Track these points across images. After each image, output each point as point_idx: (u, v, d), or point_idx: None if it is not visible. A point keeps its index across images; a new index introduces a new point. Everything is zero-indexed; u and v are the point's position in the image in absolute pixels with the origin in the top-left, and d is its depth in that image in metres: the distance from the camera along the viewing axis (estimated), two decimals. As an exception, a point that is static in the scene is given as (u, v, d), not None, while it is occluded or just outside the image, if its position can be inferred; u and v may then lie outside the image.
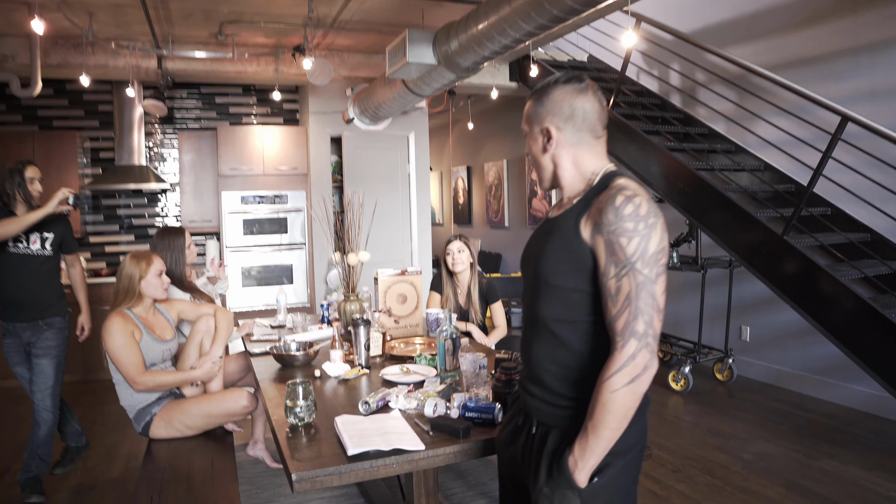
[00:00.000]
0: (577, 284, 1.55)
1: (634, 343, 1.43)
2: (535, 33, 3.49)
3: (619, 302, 1.45)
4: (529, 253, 1.74)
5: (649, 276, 1.44)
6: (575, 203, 1.61)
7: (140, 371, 2.89)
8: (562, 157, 1.65)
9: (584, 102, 1.62)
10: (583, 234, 1.53)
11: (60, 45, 5.43)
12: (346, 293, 3.59)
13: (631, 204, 1.46)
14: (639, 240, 1.44)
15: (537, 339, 1.66)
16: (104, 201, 6.80)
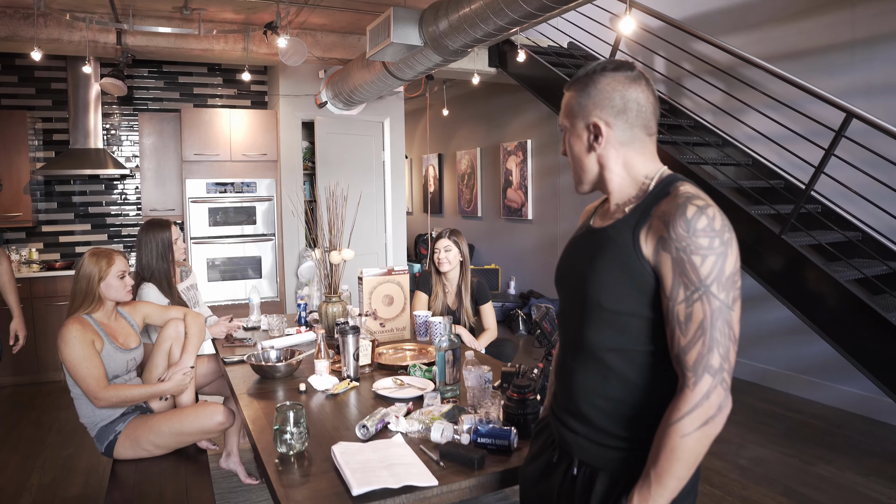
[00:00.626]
0: (636, 309, 1.33)
1: (709, 380, 1.23)
2: (536, 14, 3.24)
3: (689, 331, 1.24)
4: (571, 268, 1.50)
5: (726, 302, 1.23)
6: (629, 212, 1.38)
7: (102, 385, 2.58)
8: (610, 158, 1.42)
9: (639, 93, 1.39)
10: (643, 249, 1.31)
11: (9, 15, 4.98)
12: (327, 294, 3.32)
13: (704, 216, 1.25)
14: (714, 259, 1.23)
15: (582, 368, 1.43)
16: (58, 187, 6.35)
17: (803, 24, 4.94)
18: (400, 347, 3.12)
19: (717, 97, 5.16)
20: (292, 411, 1.91)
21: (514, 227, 8.43)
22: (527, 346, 6.68)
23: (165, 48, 5.49)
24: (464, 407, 2.21)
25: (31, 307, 5.59)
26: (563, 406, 1.49)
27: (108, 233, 6.52)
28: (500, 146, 8.53)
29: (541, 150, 7.83)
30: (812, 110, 4.29)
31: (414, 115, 10.75)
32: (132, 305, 2.94)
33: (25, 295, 5.58)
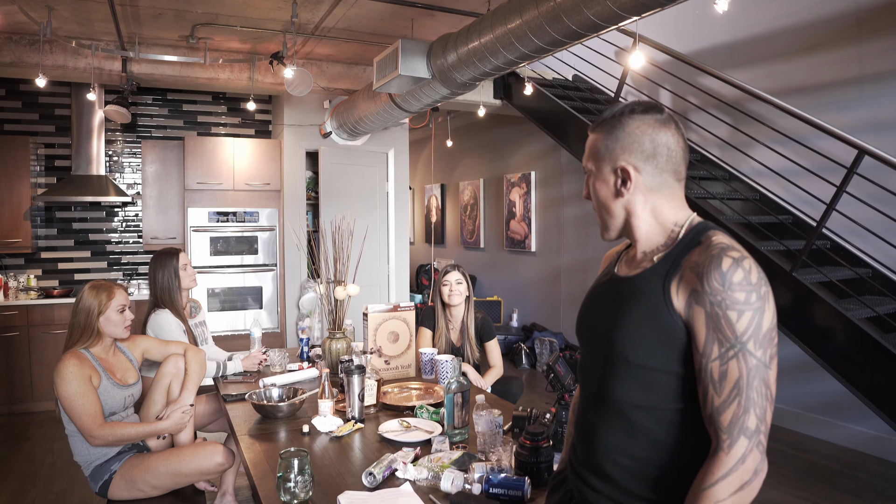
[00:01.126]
0: (665, 364, 1.26)
1: (745, 442, 1.16)
2: (546, 49, 3.21)
3: (724, 390, 1.18)
4: (595, 318, 1.43)
5: (763, 360, 1.17)
6: (658, 262, 1.32)
7: (98, 423, 2.49)
8: (638, 204, 1.36)
9: (668, 137, 1.33)
10: (675, 302, 1.25)
11: (15, 41, 4.97)
12: (331, 330, 3.24)
13: (740, 269, 1.19)
14: (751, 314, 1.17)
15: (606, 425, 1.35)
16: (58, 214, 6.29)
17: (810, 60, 4.93)
18: (405, 386, 3.03)
19: (723, 131, 5.14)
20: (297, 458, 1.83)
21: (517, 258, 8.37)
22: (530, 381, 6.58)
23: (170, 76, 5.47)
24: (474, 454, 2.12)
25: (28, 335, 5.50)
26: (584, 462, 1.41)
27: (107, 260, 6.45)
28: (504, 177, 8.50)
29: (545, 182, 7.80)
30: (819, 145, 4.26)
31: (417, 144, 10.75)
32: (131, 340, 2.86)
33: (22, 322, 5.50)
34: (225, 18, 4.70)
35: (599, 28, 2.85)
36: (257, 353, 3.58)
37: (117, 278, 6.46)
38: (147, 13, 4.58)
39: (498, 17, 3.29)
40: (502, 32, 3.27)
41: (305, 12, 4.55)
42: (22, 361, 5.49)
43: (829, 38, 4.79)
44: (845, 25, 4.67)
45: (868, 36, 4.56)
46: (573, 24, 2.87)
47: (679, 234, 1.34)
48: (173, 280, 3.40)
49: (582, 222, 7.18)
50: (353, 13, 4.59)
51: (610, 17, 2.73)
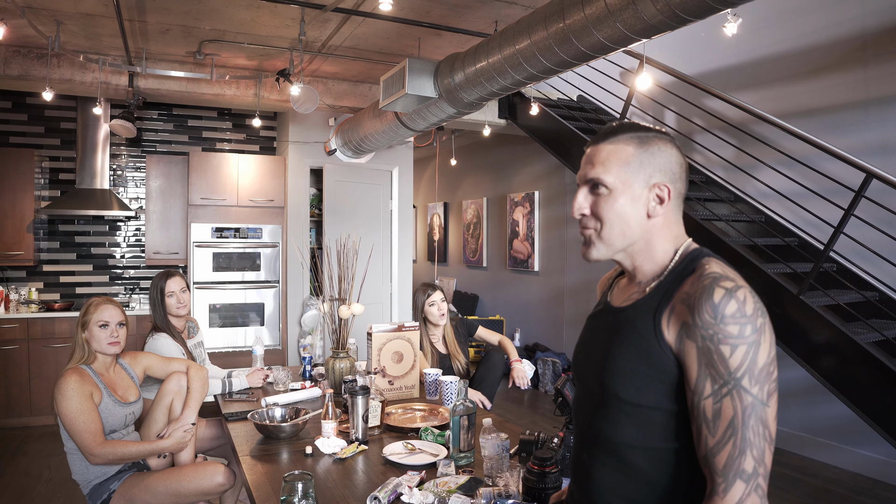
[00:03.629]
0: (658, 401, 1.20)
1: (741, 486, 1.09)
2: (555, 70, 3.20)
3: (718, 430, 1.11)
4: (588, 354, 1.37)
5: (759, 397, 1.09)
6: (650, 292, 1.25)
7: (98, 440, 2.45)
8: (661, 227, 1.28)
9: (683, 160, 1.30)
10: (666, 335, 1.18)
11: (23, 54, 4.99)
12: (334, 350, 3.21)
13: (734, 300, 1.11)
14: (745, 348, 1.09)
15: (599, 464, 1.29)
16: (61, 227, 6.28)
17: (816, 83, 4.94)
18: (409, 407, 2.99)
19: (729, 153, 5.14)
20: (301, 482, 1.79)
21: (520, 278, 8.34)
22: (532, 401, 6.52)
23: (177, 92, 5.48)
24: (480, 478, 2.08)
25: (28, 348, 5.47)
26: (580, 502, 1.36)
27: (109, 274, 6.42)
28: (507, 197, 8.49)
29: (548, 202, 7.79)
30: (826, 168, 4.25)
31: (421, 163, 10.77)
32: (132, 356, 2.83)
33: (22, 336, 5.47)
34: (232, 35, 4.72)
35: (609, 50, 2.85)
36: (260, 369, 3.56)
37: (118, 293, 6.44)
38: (155, 29, 4.59)
39: (506, 38, 3.29)
40: (510, 53, 3.27)
41: (313, 30, 4.56)
42: (21, 375, 5.45)
43: (835, 61, 4.80)
44: (851, 49, 4.69)
45: (874, 59, 4.57)
46: (582, 45, 2.87)
47: (672, 261, 1.27)
48: (159, 306, 3.33)
49: (585, 242, 7.14)
50: (360, 32, 4.60)
51: (619, 39, 2.73)
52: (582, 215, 1.32)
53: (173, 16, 4.33)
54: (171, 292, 3.35)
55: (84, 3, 4.09)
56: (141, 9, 4.20)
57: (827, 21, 4.85)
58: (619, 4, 2.57)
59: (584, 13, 2.74)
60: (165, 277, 3.37)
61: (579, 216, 1.32)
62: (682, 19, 2.48)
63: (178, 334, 3.36)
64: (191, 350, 3.47)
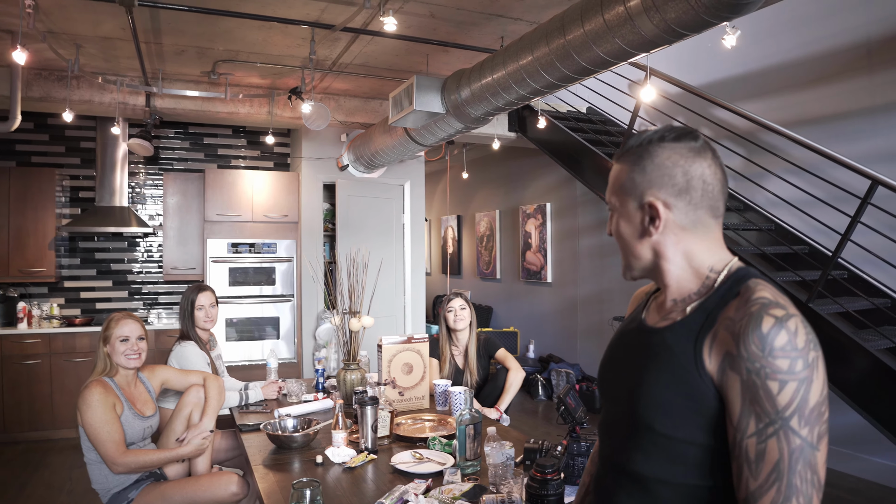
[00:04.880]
0: (693, 435, 1.09)
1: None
2: (558, 85, 3.27)
3: (762, 473, 1.00)
4: (618, 374, 1.27)
5: (809, 440, 0.99)
6: (690, 313, 1.15)
7: (121, 450, 2.53)
8: (668, 245, 1.19)
9: (705, 168, 1.16)
10: (707, 364, 1.08)
11: (44, 77, 5.14)
12: (345, 361, 3.27)
13: (784, 331, 1.00)
14: (796, 385, 0.99)
15: (626, 495, 1.19)
16: (81, 244, 6.43)
17: (822, 91, 4.96)
18: (419, 418, 3.05)
19: (737, 162, 5.16)
20: (309, 489, 1.85)
21: (534, 290, 8.37)
22: (546, 413, 6.54)
23: (192, 110, 5.61)
24: (485, 486, 2.13)
25: (50, 362, 5.60)
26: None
27: (128, 290, 6.55)
28: (520, 209, 8.55)
29: (560, 214, 7.84)
30: (833, 176, 4.27)
31: (433, 176, 10.86)
32: (150, 370, 2.91)
33: (44, 350, 5.60)
34: (245, 55, 4.84)
35: (609, 64, 2.91)
36: (274, 382, 3.64)
37: (138, 308, 6.56)
38: (170, 50, 4.72)
39: (510, 54, 3.37)
40: (514, 69, 3.34)
41: (323, 49, 4.66)
42: (43, 389, 5.58)
43: (841, 69, 4.82)
44: (856, 57, 4.71)
45: (879, 66, 4.58)
46: (583, 60, 2.93)
47: (716, 282, 1.16)
48: (188, 317, 3.48)
49: (598, 253, 7.18)
50: (369, 49, 4.70)
51: (618, 53, 2.79)
52: (610, 235, 1.30)
53: (188, 37, 4.45)
54: (200, 306, 3.50)
55: (102, 26, 4.23)
56: (156, 31, 4.32)
57: (832, 29, 4.88)
58: (617, 20, 2.64)
59: (584, 29, 2.81)
60: (197, 291, 3.53)
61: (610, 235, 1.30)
62: (678, 34, 2.54)
63: (203, 344, 3.48)
64: (214, 362, 3.57)
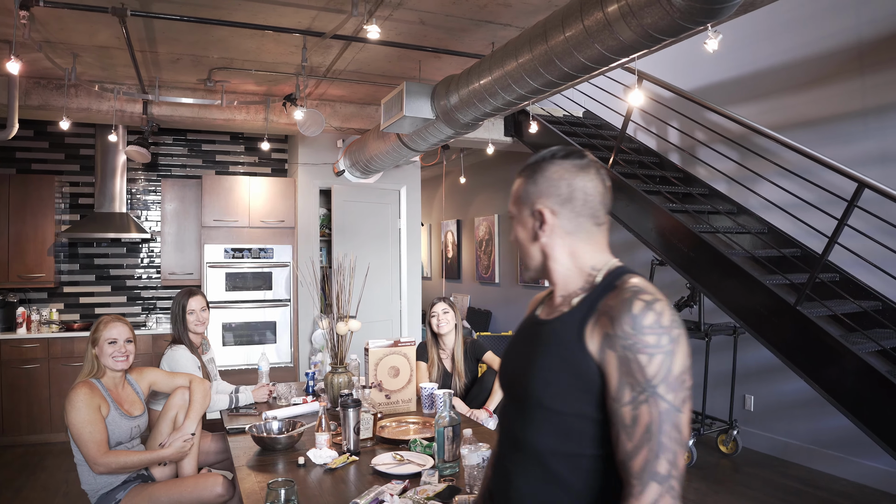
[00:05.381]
0: (581, 409, 1.25)
1: (656, 488, 1.15)
2: (542, 90, 3.31)
3: (635, 435, 1.17)
4: (513, 364, 1.43)
5: (674, 404, 1.16)
6: (575, 305, 1.32)
7: (102, 450, 2.58)
8: (555, 247, 1.37)
9: (586, 182, 1.36)
10: (589, 346, 1.24)
11: (42, 85, 5.20)
12: (333, 364, 3.31)
13: (652, 312, 1.19)
14: (662, 357, 1.16)
15: (522, 472, 1.33)
16: (81, 249, 6.49)
17: (814, 94, 4.98)
18: (403, 420, 3.08)
19: (730, 166, 5.18)
20: (284, 489, 1.89)
21: (532, 294, 8.39)
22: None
23: (189, 118, 5.67)
24: (460, 487, 2.16)
25: (49, 367, 5.66)
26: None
27: (127, 295, 6.61)
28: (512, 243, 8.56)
29: (557, 217, 7.85)
30: (826, 178, 4.29)
31: (432, 181, 10.90)
32: (139, 372, 2.96)
33: (43, 355, 5.67)
34: (240, 63, 4.89)
35: (590, 69, 2.95)
36: (265, 385, 3.68)
37: (137, 313, 6.62)
38: (166, 59, 4.78)
39: (496, 60, 3.41)
40: (500, 74, 3.38)
41: (316, 56, 4.72)
42: (41, 393, 5.64)
43: (833, 71, 4.84)
44: (848, 59, 4.73)
45: (870, 68, 4.60)
46: (565, 66, 2.97)
47: (597, 278, 1.34)
48: (179, 321, 3.52)
49: (594, 257, 7.20)
50: (361, 57, 4.75)
51: (599, 59, 2.82)
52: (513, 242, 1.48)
53: (182, 46, 4.51)
54: (191, 310, 3.53)
55: (98, 36, 4.29)
56: (151, 40, 4.38)
57: (823, 32, 4.90)
58: (596, 26, 2.67)
59: (565, 35, 2.84)
60: (188, 296, 3.56)
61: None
62: (656, 38, 2.57)
63: (195, 348, 3.51)
64: (206, 365, 3.61)
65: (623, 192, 5.23)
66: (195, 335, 3.58)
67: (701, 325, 5.18)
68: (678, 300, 5.38)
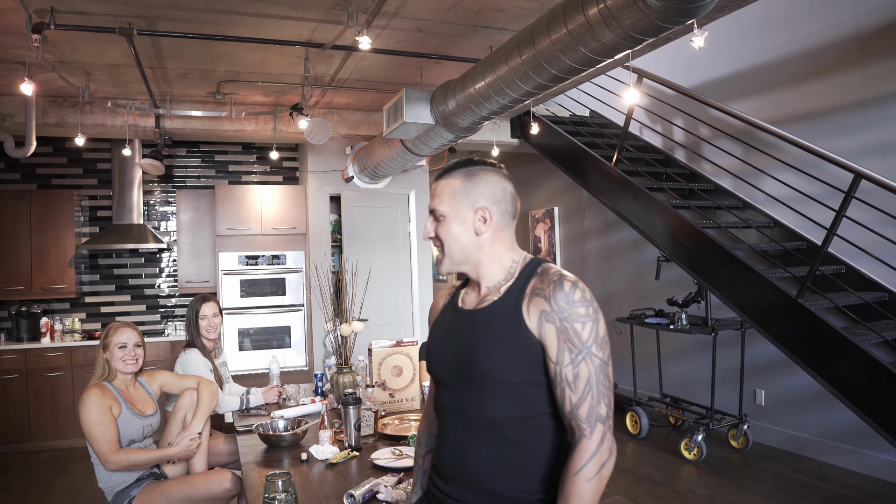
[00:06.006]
0: (530, 378, 1.46)
1: (601, 428, 1.40)
2: (535, 93, 3.39)
3: (579, 388, 1.40)
4: (453, 352, 1.57)
5: (603, 359, 1.42)
6: (505, 292, 1.52)
7: (113, 449, 2.71)
8: (490, 242, 1.57)
9: (508, 186, 1.60)
10: (528, 324, 1.46)
11: (59, 104, 5.39)
12: (338, 365, 3.41)
13: (578, 290, 1.44)
14: (591, 324, 1.42)
15: (478, 443, 1.50)
16: (101, 261, 6.68)
17: (814, 86, 4.99)
18: (406, 418, 3.18)
19: (734, 162, 5.21)
20: (281, 480, 1.99)
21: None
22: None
23: (200, 130, 5.83)
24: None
25: (72, 375, 5.85)
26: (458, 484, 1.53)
27: (146, 303, 6.79)
28: (529, 213, 8.65)
29: (568, 217, 7.93)
30: (829, 171, 4.29)
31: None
32: (150, 374, 3.09)
33: (66, 363, 5.85)
34: (246, 75, 5.03)
35: (578, 71, 3.02)
36: (275, 387, 3.80)
37: (156, 321, 6.79)
38: (175, 73, 4.93)
39: (488, 65, 3.49)
40: (493, 79, 3.47)
41: (319, 66, 4.84)
42: (66, 399, 5.82)
43: (833, 63, 4.85)
44: (847, 50, 4.74)
45: (870, 59, 4.61)
46: (553, 69, 3.05)
47: (517, 269, 1.55)
48: (193, 326, 3.68)
49: (604, 255, 7.26)
50: (363, 65, 4.86)
51: (585, 61, 2.90)
52: (429, 238, 1.62)
53: (189, 61, 4.65)
54: (203, 315, 3.69)
55: (108, 55, 4.44)
56: (160, 56, 4.53)
57: (822, 24, 4.92)
58: (580, 30, 2.75)
59: (551, 39, 2.93)
60: (201, 302, 3.73)
61: (427, 239, 1.63)
62: (637, 39, 2.64)
63: (207, 352, 3.65)
64: (218, 369, 3.74)
65: (627, 189, 5.29)
66: (208, 340, 3.72)
67: (708, 321, 5.21)
68: (686, 296, 5.42)
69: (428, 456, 1.78)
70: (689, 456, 5.07)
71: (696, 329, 5.20)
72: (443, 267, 1.62)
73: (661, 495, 4.42)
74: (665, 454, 5.26)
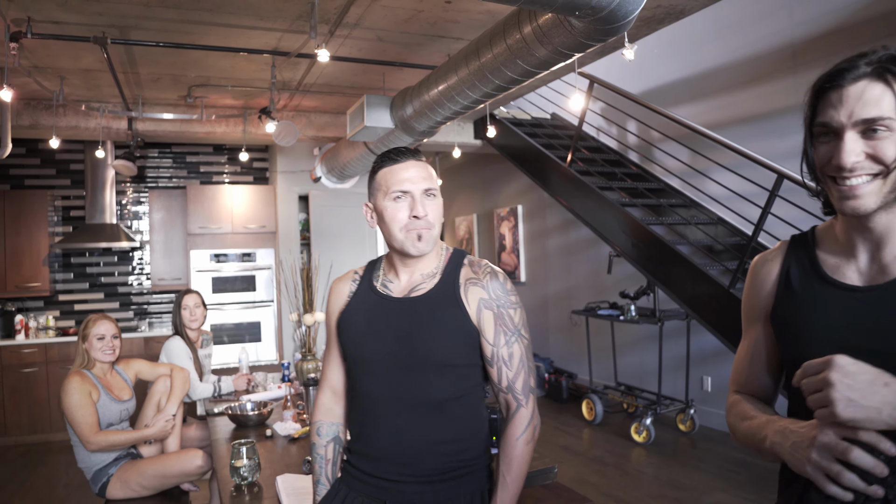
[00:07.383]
0: (469, 359, 1.60)
1: (532, 398, 1.62)
2: (483, 100, 3.68)
3: (514, 365, 1.60)
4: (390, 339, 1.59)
5: (528, 339, 1.64)
6: (439, 280, 1.62)
7: (93, 430, 2.95)
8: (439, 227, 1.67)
9: None
10: (467, 308, 1.59)
11: (33, 106, 5.56)
12: (302, 352, 3.67)
13: (508, 281, 1.65)
14: (520, 310, 1.63)
15: (417, 423, 1.57)
16: (74, 259, 6.85)
17: (753, 91, 5.34)
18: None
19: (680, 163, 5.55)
20: (245, 447, 2.26)
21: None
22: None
23: (172, 132, 6.04)
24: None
25: (47, 370, 6.02)
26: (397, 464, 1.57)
27: (119, 301, 6.97)
28: (494, 212, 8.96)
29: (530, 216, 8.24)
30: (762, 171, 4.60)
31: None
32: (126, 362, 3.33)
33: (41, 359, 6.02)
34: (216, 80, 5.26)
35: (518, 82, 3.32)
36: (244, 374, 4.05)
37: (129, 318, 6.98)
38: (147, 78, 5.14)
39: (441, 75, 3.78)
40: (445, 87, 3.75)
41: (286, 72, 5.08)
42: (41, 394, 5.99)
43: (769, 70, 5.20)
44: (782, 58, 5.09)
45: (803, 67, 4.97)
46: (496, 79, 3.35)
47: (445, 259, 1.67)
48: (177, 316, 3.96)
49: (565, 252, 7.58)
50: (329, 71, 5.12)
51: (523, 73, 3.20)
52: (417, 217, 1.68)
53: (161, 67, 4.88)
54: (185, 306, 3.99)
55: (82, 61, 4.65)
56: (132, 62, 4.75)
57: (761, 33, 5.27)
58: (517, 46, 3.05)
59: (493, 53, 3.22)
60: (185, 294, 4.04)
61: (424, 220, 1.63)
62: (566, 55, 2.95)
63: (191, 341, 3.92)
64: (200, 359, 3.98)
65: (581, 189, 5.61)
66: (190, 330, 3.98)
67: (656, 312, 5.55)
68: (637, 289, 5.74)
69: (330, 445, 1.74)
70: (638, 439, 5.40)
71: (643, 320, 5.53)
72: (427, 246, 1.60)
73: (610, 474, 4.74)
74: (617, 438, 5.59)
